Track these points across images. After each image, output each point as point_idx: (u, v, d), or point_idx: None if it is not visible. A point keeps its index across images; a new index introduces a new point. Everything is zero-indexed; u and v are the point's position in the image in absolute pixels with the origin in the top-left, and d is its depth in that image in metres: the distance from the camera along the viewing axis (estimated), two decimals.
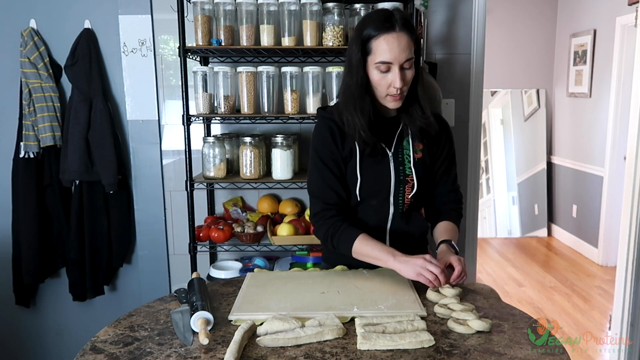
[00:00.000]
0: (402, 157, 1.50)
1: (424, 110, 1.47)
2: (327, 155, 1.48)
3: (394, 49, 1.36)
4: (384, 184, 1.50)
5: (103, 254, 2.54)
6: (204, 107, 2.18)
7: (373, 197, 1.51)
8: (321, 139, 1.50)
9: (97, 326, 1.23)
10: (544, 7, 5.17)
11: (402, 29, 1.37)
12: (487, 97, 5.22)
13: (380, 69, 1.38)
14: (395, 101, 1.43)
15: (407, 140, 1.51)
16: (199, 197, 2.42)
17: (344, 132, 1.47)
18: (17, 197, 2.49)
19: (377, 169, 1.49)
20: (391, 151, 1.50)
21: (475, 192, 2.64)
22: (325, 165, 1.48)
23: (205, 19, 2.11)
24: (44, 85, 2.41)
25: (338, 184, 1.48)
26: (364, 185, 1.49)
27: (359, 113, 1.42)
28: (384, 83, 1.40)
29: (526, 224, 5.35)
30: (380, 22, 1.37)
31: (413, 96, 1.47)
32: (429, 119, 1.48)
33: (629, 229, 2.62)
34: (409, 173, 1.50)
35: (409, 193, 1.51)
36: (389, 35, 1.36)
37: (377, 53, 1.37)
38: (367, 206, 1.52)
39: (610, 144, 4.30)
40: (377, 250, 1.39)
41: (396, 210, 1.52)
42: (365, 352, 1.04)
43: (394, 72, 1.38)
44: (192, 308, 1.18)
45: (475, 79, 2.53)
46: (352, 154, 1.48)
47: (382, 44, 1.36)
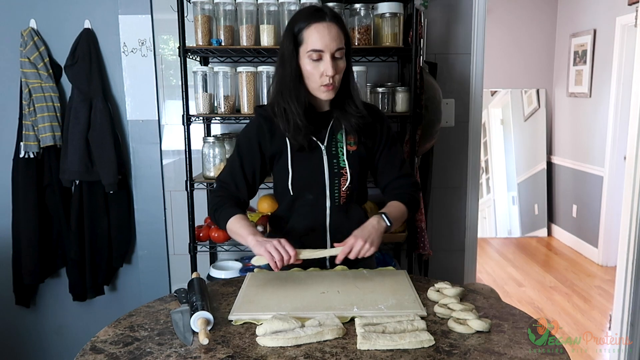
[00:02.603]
0: (336, 150, 1.52)
1: (357, 105, 1.50)
2: (244, 152, 1.53)
3: (324, 37, 1.40)
4: (317, 177, 1.52)
5: (103, 254, 2.54)
6: (204, 107, 2.18)
7: (308, 191, 1.53)
8: (245, 133, 1.56)
9: (97, 326, 1.23)
10: (544, 7, 5.17)
11: (332, 20, 1.41)
12: (487, 97, 5.22)
13: (312, 57, 1.41)
14: (328, 91, 1.45)
15: (341, 134, 1.53)
16: (199, 197, 2.42)
17: (274, 129, 1.50)
18: (17, 197, 2.49)
19: (310, 163, 1.51)
20: (324, 144, 1.52)
21: (475, 192, 2.64)
22: (239, 157, 1.53)
23: (205, 19, 2.11)
24: (44, 85, 2.41)
25: (241, 178, 1.52)
26: (297, 178, 1.51)
27: (294, 101, 1.45)
28: (316, 72, 1.42)
29: (526, 224, 5.35)
30: (311, 13, 1.43)
31: (346, 91, 1.50)
32: (362, 112, 1.51)
33: (629, 229, 2.62)
34: (343, 165, 1.52)
35: (344, 185, 1.53)
36: (319, 25, 1.40)
37: (308, 42, 1.41)
38: (304, 201, 1.54)
39: (610, 144, 4.30)
40: (243, 228, 1.42)
41: (333, 204, 1.53)
42: (365, 352, 1.04)
43: (326, 60, 1.41)
44: (192, 308, 1.18)
45: (475, 79, 2.53)
46: (282, 149, 1.51)
47: (313, 32, 1.40)
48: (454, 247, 2.65)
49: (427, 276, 2.44)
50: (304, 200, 1.54)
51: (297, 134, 1.46)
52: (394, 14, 2.11)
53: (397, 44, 2.14)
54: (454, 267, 2.65)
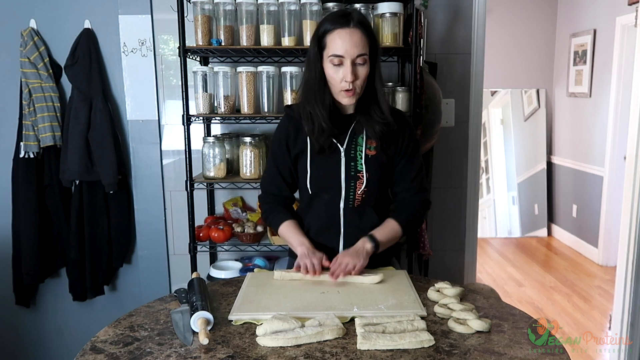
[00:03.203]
0: (355, 153, 1.54)
1: (383, 111, 1.50)
2: (277, 153, 1.60)
3: (345, 43, 1.41)
4: (334, 179, 1.54)
5: (103, 254, 2.54)
6: (204, 107, 2.18)
7: (324, 191, 1.56)
8: (276, 137, 1.61)
9: (97, 326, 1.23)
10: (544, 7, 5.17)
11: (356, 25, 1.42)
12: (487, 97, 5.22)
13: (333, 62, 1.43)
14: (348, 97, 1.47)
15: (362, 137, 1.54)
16: (199, 197, 2.42)
17: (299, 129, 1.53)
18: (17, 197, 2.49)
19: (328, 164, 1.54)
20: (343, 147, 1.53)
21: (475, 192, 2.64)
22: (274, 162, 1.61)
23: (205, 19, 2.11)
24: (44, 85, 2.41)
25: (280, 180, 1.60)
26: (315, 178, 1.55)
27: (319, 104, 1.47)
28: (337, 77, 1.44)
29: (526, 224, 5.35)
30: (337, 18, 1.44)
31: (372, 96, 1.50)
32: (387, 119, 1.50)
33: (629, 229, 2.62)
34: (361, 169, 1.53)
35: (360, 189, 1.54)
36: (342, 30, 1.42)
37: (330, 47, 1.43)
38: (320, 200, 1.57)
39: (610, 144, 4.30)
40: (292, 237, 1.55)
41: (347, 205, 1.55)
42: (365, 352, 1.04)
43: (346, 66, 1.42)
44: (192, 308, 1.18)
45: (475, 79, 2.53)
46: (303, 149, 1.54)
47: (335, 37, 1.42)
48: (454, 247, 2.65)
49: (427, 276, 2.44)
50: (320, 200, 1.57)
51: (320, 135, 1.49)
52: (394, 13, 2.11)
53: (397, 44, 2.14)
54: (454, 267, 2.65)
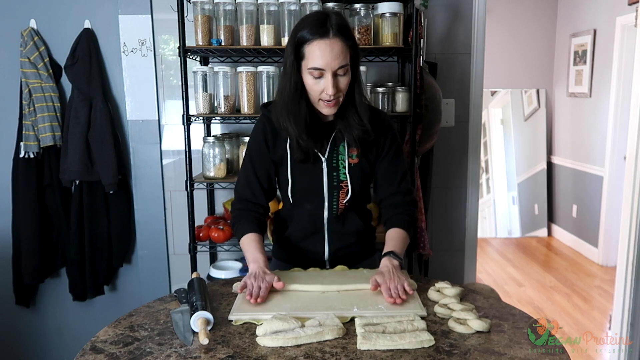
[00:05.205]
0: (337, 163, 1.49)
1: (361, 117, 1.44)
2: (254, 155, 1.52)
3: (326, 56, 1.33)
4: (317, 189, 1.49)
5: (103, 254, 2.54)
6: (204, 107, 2.18)
7: (307, 201, 1.52)
8: (253, 138, 1.53)
9: (97, 326, 1.23)
10: (544, 7, 5.17)
11: (336, 35, 1.33)
12: (487, 97, 5.22)
13: (314, 75, 1.36)
14: (329, 107, 1.41)
15: (343, 146, 1.49)
16: (199, 197, 2.42)
17: (278, 133, 1.48)
18: (17, 197, 2.49)
19: (310, 174, 1.49)
20: (325, 156, 1.49)
21: (475, 192, 2.64)
22: (251, 165, 1.52)
23: (205, 19, 2.11)
24: (44, 85, 2.41)
25: (256, 184, 1.51)
26: (297, 188, 1.50)
27: (292, 120, 1.40)
28: (317, 89, 1.37)
29: (526, 224, 5.35)
30: (315, 26, 1.34)
31: (350, 102, 1.44)
32: (365, 126, 1.44)
33: (629, 229, 2.62)
34: (344, 179, 1.49)
35: (344, 198, 1.50)
36: (321, 42, 1.33)
37: (309, 59, 1.35)
38: (302, 210, 1.53)
39: (610, 144, 4.30)
40: (249, 252, 1.44)
41: (330, 214, 1.52)
42: (365, 352, 1.04)
43: (327, 79, 1.35)
44: (192, 308, 1.18)
45: (475, 79, 2.53)
46: (283, 158, 1.49)
47: (314, 49, 1.33)
48: (454, 247, 2.65)
49: (427, 276, 2.44)
50: (302, 209, 1.54)
51: (298, 150, 1.44)
52: (394, 13, 2.11)
53: (397, 43, 2.14)
54: (454, 267, 2.65)
